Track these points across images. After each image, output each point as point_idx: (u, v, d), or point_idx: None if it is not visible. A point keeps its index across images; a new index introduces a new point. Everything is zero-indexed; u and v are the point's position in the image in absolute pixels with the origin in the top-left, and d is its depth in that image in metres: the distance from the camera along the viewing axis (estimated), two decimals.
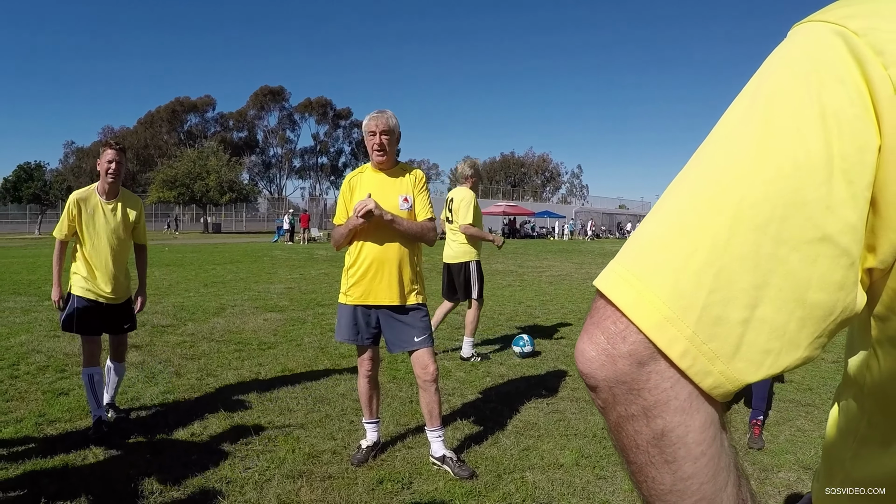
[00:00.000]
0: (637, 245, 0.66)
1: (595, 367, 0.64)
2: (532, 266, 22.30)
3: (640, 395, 0.62)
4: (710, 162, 0.65)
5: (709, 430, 0.63)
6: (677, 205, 0.65)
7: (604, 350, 0.63)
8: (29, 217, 57.71)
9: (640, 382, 0.62)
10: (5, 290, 13.20)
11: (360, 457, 4.43)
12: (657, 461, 0.63)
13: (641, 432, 0.63)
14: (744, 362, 0.61)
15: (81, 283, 4.96)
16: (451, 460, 4.31)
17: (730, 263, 0.60)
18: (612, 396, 0.64)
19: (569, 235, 62.86)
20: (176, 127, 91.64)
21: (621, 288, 0.64)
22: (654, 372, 0.62)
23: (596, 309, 0.66)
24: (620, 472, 4.30)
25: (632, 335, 0.62)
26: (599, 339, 0.64)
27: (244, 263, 21.45)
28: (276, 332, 8.94)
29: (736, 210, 0.60)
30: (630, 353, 0.62)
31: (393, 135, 4.27)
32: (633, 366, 0.62)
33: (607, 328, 0.64)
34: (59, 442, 4.69)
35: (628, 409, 0.63)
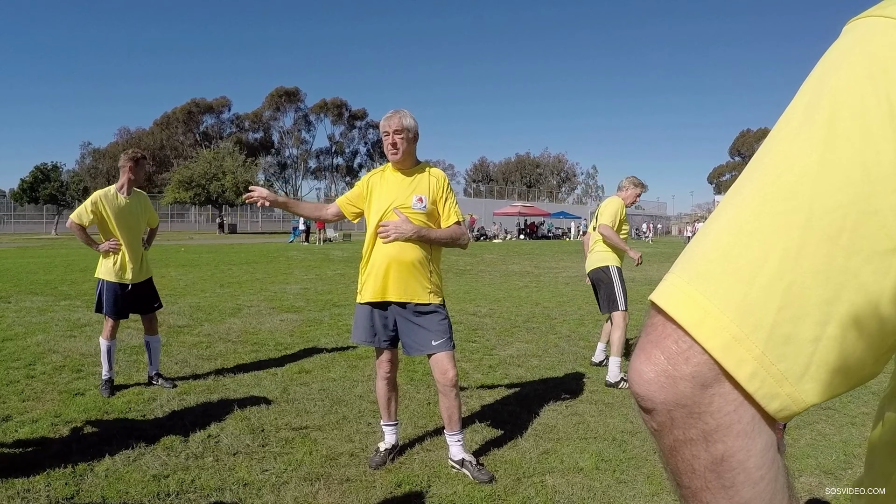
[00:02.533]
0: (699, 256, 0.62)
1: (654, 389, 0.60)
2: (548, 267, 22.22)
3: (702, 418, 0.58)
4: (774, 166, 0.60)
5: (768, 453, 0.59)
6: (741, 212, 0.60)
7: (664, 371, 0.59)
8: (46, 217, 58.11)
9: (702, 406, 0.58)
10: (22, 289, 13.25)
11: (377, 460, 4.38)
12: (714, 486, 0.59)
13: (699, 457, 0.59)
14: (812, 383, 0.57)
15: (109, 268, 6.04)
16: (469, 464, 4.26)
17: (801, 277, 0.56)
18: (669, 420, 0.60)
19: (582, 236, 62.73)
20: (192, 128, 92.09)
21: (684, 304, 0.60)
22: (717, 395, 0.58)
23: (653, 326, 0.62)
24: (641, 476, 4.25)
25: (695, 356, 0.58)
26: (659, 359, 0.60)
27: (260, 264, 21.50)
28: (293, 333, 8.92)
29: (807, 219, 0.56)
30: (693, 375, 0.58)
31: (407, 133, 4.24)
32: (696, 388, 0.58)
33: (668, 348, 0.59)
34: (74, 443, 4.68)
35: (687, 433, 0.59)
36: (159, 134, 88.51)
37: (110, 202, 5.98)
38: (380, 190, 4.35)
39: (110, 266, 6.05)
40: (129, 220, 6.10)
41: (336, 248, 33.44)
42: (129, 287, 6.14)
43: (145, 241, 6.47)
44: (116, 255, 6.06)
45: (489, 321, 10.18)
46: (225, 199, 59.19)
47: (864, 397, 6.12)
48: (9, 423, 5.05)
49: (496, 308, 11.71)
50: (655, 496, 3.97)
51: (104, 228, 6.02)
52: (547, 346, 8.30)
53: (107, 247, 6.00)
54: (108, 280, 6.05)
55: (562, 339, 8.83)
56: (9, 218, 64.56)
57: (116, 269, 6.05)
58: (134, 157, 6.15)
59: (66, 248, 29.26)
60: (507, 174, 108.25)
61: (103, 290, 6.06)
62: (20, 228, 61.13)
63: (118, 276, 6.06)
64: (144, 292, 6.30)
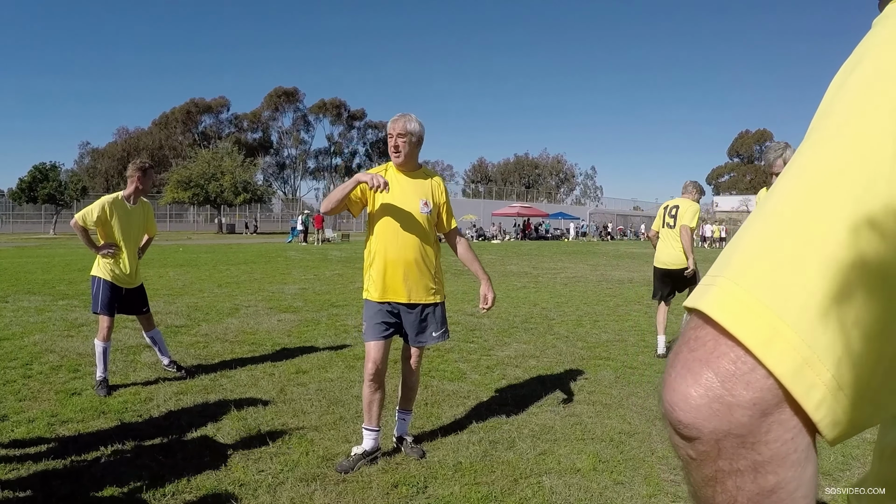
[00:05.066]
0: (755, 253, 0.54)
1: (703, 416, 0.51)
2: (547, 268, 22.23)
3: (755, 448, 0.51)
4: (835, 157, 0.54)
5: (815, 479, 0.54)
6: (804, 208, 0.53)
7: (717, 397, 0.51)
8: (44, 217, 58.02)
9: (758, 435, 0.51)
10: (20, 289, 13.23)
11: (346, 464, 4.31)
12: None
13: (744, 489, 0.52)
14: (872, 406, 0.52)
15: (107, 268, 6.16)
16: (407, 442, 4.67)
17: (874, 286, 0.50)
18: (716, 450, 0.52)
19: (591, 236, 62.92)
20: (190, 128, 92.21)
21: (747, 319, 0.51)
22: (776, 423, 0.51)
23: (700, 341, 0.54)
24: (638, 477, 4.24)
25: (759, 380, 0.50)
26: (711, 382, 0.51)
27: (258, 264, 21.49)
28: (290, 333, 8.91)
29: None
30: (754, 402, 0.50)
31: (411, 137, 4.37)
32: (755, 417, 0.50)
33: (723, 369, 0.51)
34: (71, 442, 4.67)
35: (734, 464, 0.52)
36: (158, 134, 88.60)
37: (117, 209, 6.13)
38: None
39: (107, 266, 6.16)
40: (132, 228, 6.26)
41: (334, 248, 33.45)
42: (123, 292, 6.31)
43: (140, 249, 6.57)
44: (114, 259, 6.18)
45: (487, 322, 10.18)
46: (223, 200, 59.16)
47: None
48: (5, 422, 5.04)
49: (494, 308, 11.67)
50: (653, 497, 3.96)
51: (106, 233, 6.14)
52: (545, 347, 8.30)
53: (105, 251, 6.11)
54: (103, 278, 6.15)
55: (560, 339, 8.83)
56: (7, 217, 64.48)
57: (112, 271, 6.18)
58: (142, 168, 6.27)
59: (63, 248, 29.24)
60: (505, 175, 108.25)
61: (99, 286, 6.15)
62: (18, 228, 61.09)
63: (113, 278, 6.19)
64: (136, 297, 6.48)
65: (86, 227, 6.03)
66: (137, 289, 6.48)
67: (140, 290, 6.52)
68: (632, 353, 7.94)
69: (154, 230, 6.74)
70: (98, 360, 6.00)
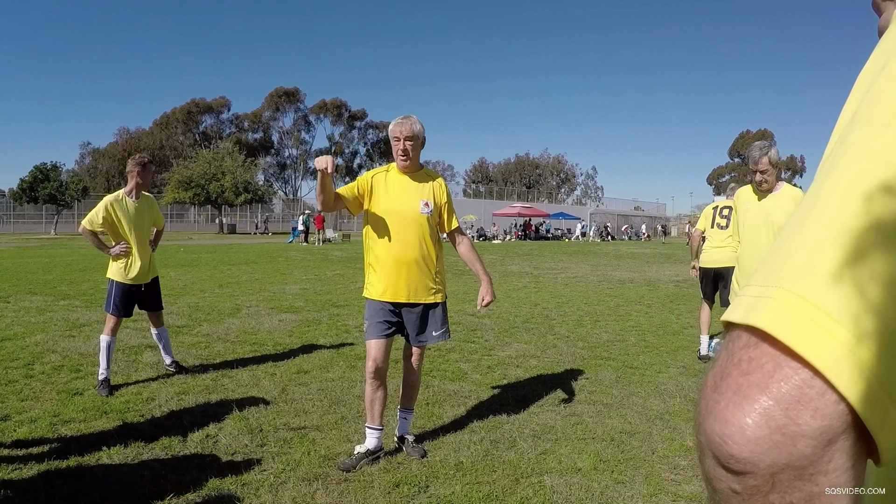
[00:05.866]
0: (817, 261, 0.48)
1: (761, 449, 0.46)
2: (547, 268, 22.23)
3: (813, 480, 0.46)
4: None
5: None
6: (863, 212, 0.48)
7: (779, 427, 0.45)
8: (45, 217, 58.05)
9: (819, 466, 0.45)
10: (21, 289, 13.24)
11: (348, 462, 4.33)
12: None
13: None
14: None
15: (119, 269, 6.25)
16: (408, 442, 4.66)
17: None
18: (769, 485, 0.46)
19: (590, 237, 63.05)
20: (191, 128, 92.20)
21: (813, 335, 0.46)
22: (839, 451, 0.45)
23: (754, 362, 0.48)
24: (639, 477, 4.25)
25: (828, 406, 0.45)
26: (770, 408, 0.46)
27: (259, 264, 21.50)
28: (292, 333, 8.92)
29: None
30: (822, 432, 0.45)
31: (417, 140, 4.41)
32: (820, 447, 0.45)
33: (784, 394, 0.46)
34: (73, 442, 4.68)
35: (786, 497, 0.46)
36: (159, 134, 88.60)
37: (120, 207, 6.20)
38: (386, 191, 4.47)
39: (121, 267, 6.26)
40: (139, 223, 6.31)
41: (335, 248, 33.45)
42: (143, 287, 6.45)
43: (152, 242, 6.64)
44: (127, 258, 6.27)
45: (488, 322, 10.18)
46: (224, 200, 59.18)
47: None
48: (7, 422, 5.05)
49: (495, 309, 11.69)
50: (653, 496, 3.97)
51: (114, 232, 6.22)
52: (546, 347, 8.30)
53: (118, 250, 6.18)
54: (118, 280, 6.25)
55: (560, 339, 8.83)
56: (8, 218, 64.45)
57: (127, 270, 6.27)
58: (141, 162, 6.35)
59: (65, 248, 29.25)
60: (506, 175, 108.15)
61: (113, 289, 6.25)
62: (19, 228, 61.11)
63: (129, 278, 6.28)
64: (153, 291, 6.61)
65: (94, 230, 6.12)
66: (153, 284, 6.60)
67: (155, 286, 6.64)
68: (633, 353, 7.94)
69: (161, 222, 6.83)
70: (101, 356, 6.05)
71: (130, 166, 6.35)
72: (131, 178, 6.34)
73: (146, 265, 6.41)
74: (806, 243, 0.50)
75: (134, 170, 6.31)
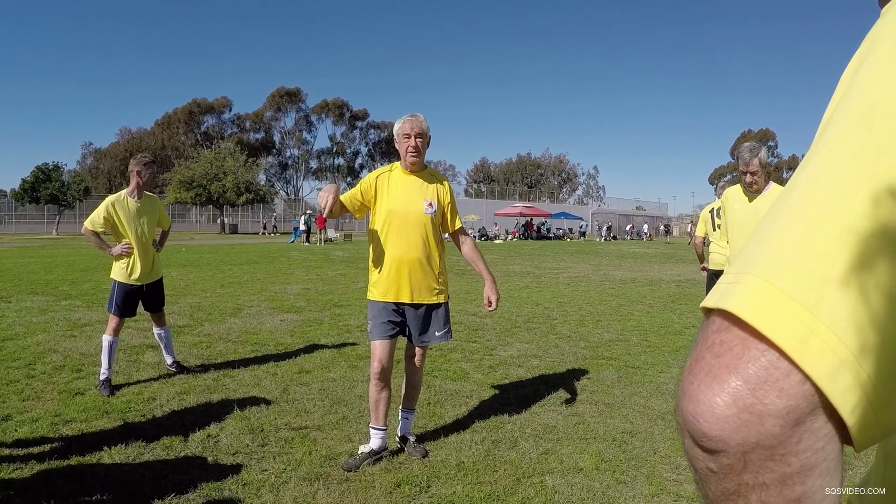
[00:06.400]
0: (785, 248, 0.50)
1: (730, 427, 0.48)
2: (549, 268, 22.22)
3: (784, 460, 0.47)
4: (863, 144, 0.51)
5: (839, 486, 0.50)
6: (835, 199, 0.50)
7: (747, 406, 0.47)
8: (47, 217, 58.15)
9: (788, 446, 0.47)
10: (23, 289, 13.25)
11: (352, 462, 4.34)
12: None
13: (769, 503, 0.49)
14: None
15: (122, 270, 6.26)
16: (410, 442, 4.66)
17: None
18: (741, 463, 0.48)
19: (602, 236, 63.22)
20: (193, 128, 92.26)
21: (779, 317, 0.48)
22: (808, 431, 0.47)
23: (725, 345, 0.50)
24: (641, 477, 4.24)
25: (793, 386, 0.47)
26: (739, 389, 0.48)
27: (261, 264, 21.50)
28: (293, 333, 8.91)
29: None
30: (788, 411, 0.47)
31: (426, 138, 4.45)
32: (787, 427, 0.47)
33: (752, 374, 0.48)
34: (74, 442, 4.68)
35: (760, 477, 0.48)
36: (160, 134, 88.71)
37: (121, 207, 6.20)
38: (390, 191, 4.48)
39: (123, 268, 6.26)
40: (140, 223, 6.30)
41: (337, 248, 33.45)
42: (144, 288, 6.41)
43: (157, 242, 6.64)
44: (129, 258, 6.27)
45: (490, 321, 10.18)
46: (226, 200, 59.23)
47: None
48: (9, 422, 5.05)
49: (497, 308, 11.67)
50: (655, 497, 3.96)
51: (117, 232, 6.24)
52: (547, 347, 8.29)
53: (119, 250, 6.18)
54: (120, 281, 6.26)
55: (562, 339, 8.82)
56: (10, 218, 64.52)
57: (128, 270, 6.27)
58: (142, 162, 6.35)
59: (66, 248, 29.27)
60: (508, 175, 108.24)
61: (114, 289, 6.27)
62: (21, 228, 61.21)
63: (130, 278, 6.28)
64: (155, 291, 6.59)
65: (96, 230, 6.13)
66: (157, 284, 6.59)
67: (159, 286, 6.64)
68: (634, 353, 7.93)
69: (167, 223, 6.84)
70: (103, 356, 6.05)
71: (132, 166, 6.36)
72: (133, 178, 6.34)
73: (149, 265, 6.40)
74: (777, 233, 0.52)
75: (134, 169, 6.31)
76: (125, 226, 6.19)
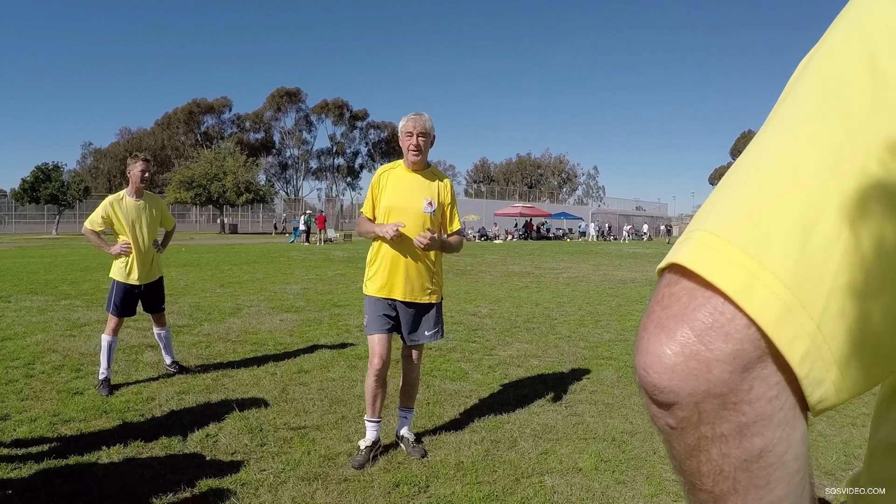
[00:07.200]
0: (734, 205, 0.51)
1: (679, 377, 0.48)
2: (549, 268, 22.20)
3: (738, 409, 0.47)
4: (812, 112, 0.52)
5: (804, 443, 0.51)
6: (787, 151, 0.51)
7: (694, 353, 0.47)
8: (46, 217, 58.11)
9: (739, 394, 0.47)
10: (22, 289, 13.24)
11: (360, 459, 4.42)
12: (744, 487, 0.50)
13: (730, 455, 0.49)
14: (858, 370, 0.49)
15: (120, 269, 6.26)
16: (408, 440, 4.66)
17: (857, 235, 0.47)
18: (696, 415, 0.48)
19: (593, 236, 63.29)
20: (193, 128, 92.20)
21: (724, 264, 0.48)
22: (758, 379, 0.47)
23: (674, 296, 0.50)
24: (640, 476, 4.24)
25: (739, 330, 0.47)
26: (686, 337, 0.48)
27: (260, 264, 21.48)
28: (293, 333, 8.91)
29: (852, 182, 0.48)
30: (735, 356, 0.47)
31: (428, 137, 4.46)
32: (736, 372, 0.47)
33: (699, 322, 0.48)
34: (73, 442, 4.67)
35: (717, 428, 0.48)
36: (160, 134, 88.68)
37: (120, 206, 6.22)
38: (391, 187, 4.53)
39: (122, 267, 6.27)
40: (138, 222, 6.28)
41: (337, 248, 33.44)
42: (142, 288, 6.39)
43: (159, 243, 6.61)
44: (127, 257, 6.26)
45: (489, 321, 10.17)
46: (226, 200, 59.22)
47: (864, 398, 6.10)
48: (7, 421, 5.05)
49: (496, 308, 11.69)
50: (654, 497, 3.96)
51: (115, 231, 6.26)
52: (547, 347, 8.29)
53: (118, 249, 6.19)
54: (118, 280, 6.26)
55: (562, 339, 8.82)
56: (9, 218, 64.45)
57: (127, 270, 6.27)
58: (135, 158, 6.35)
59: (66, 248, 29.26)
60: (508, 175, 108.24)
61: (113, 288, 6.27)
62: (21, 228, 61.20)
63: (129, 278, 6.27)
64: (155, 292, 6.58)
65: (95, 230, 6.16)
66: (156, 285, 6.57)
67: (158, 287, 6.62)
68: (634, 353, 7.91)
69: (170, 223, 6.81)
70: (102, 356, 6.05)
71: (128, 165, 6.39)
72: (129, 177, 6.35)
73: (147, 266, 6.38)
74: (727, 195, 0.52)
75: (128, 167, 6.35)
76: (123, 225, 6.18)
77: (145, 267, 6.35)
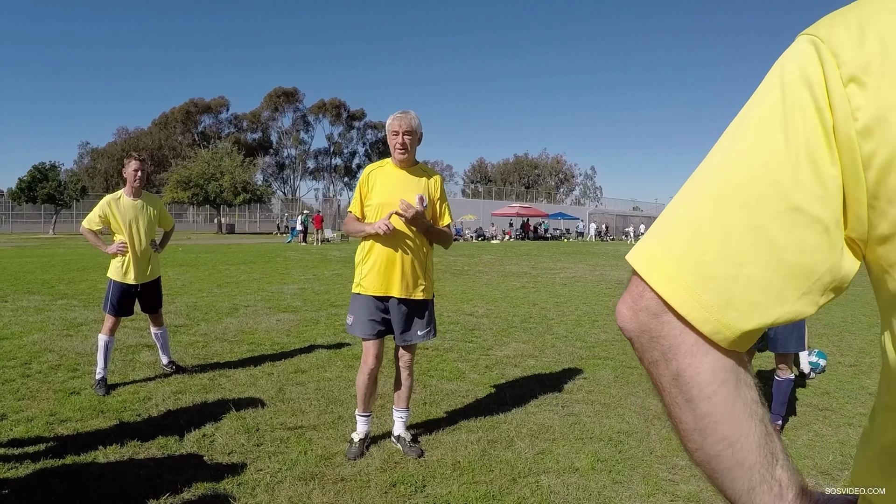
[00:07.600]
0: (654, 226, 0.81)
1: (626, 320, 0.79)
2: (546, 268, 22.21)
3: (658, 341, 0.76)
4: (710, 158, 0.79)
5: (719, 373, 0.75)
6: (683, 193, 0.79)
7: (631, 307, 0.78)
8: (43, 217, 57.93)
9: (656, 331, 0.76)
10: (19, 288, 13.23)
11: (354, 451, 4.51)
12: (679, 400, 0.76)
13: (663, 374, 0.77)
14: (735, 312, 0.72)
15: (117, 268, 6.27)
16: (404, 440, 4.68)
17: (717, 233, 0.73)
18: (640, 345, 0.78)
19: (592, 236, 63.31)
20: (190, 128, 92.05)
21: (640, 257, 0.79)
22: (666, 322, 0.75)
23: (631, 281, 0.80)
24: (637, 476, 4.25)
25: (647, 292, 0.76)
26: (628, 298, 0.79)
27: (257, 264, 21.48)
28: (289, 333, 8.91)
29: (719, 192, 0.74)
30: (647, 307, 0.76)
31: (415, 135, 4.48)
32: (650, 317, 0.76)
33: (632, 290, 0.78)
34: (69, 441, 4.67)
35: (652, 354, 0.77)
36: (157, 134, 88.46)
37: (117, 206, 6.22)
38: (382, 184, 4.54)
39: (119, 266, 6.27)
40: (135, 222, 6.28)
41: (334, 248, 33.43)
42: (138, 288, 6.39)
43: (158, 243, 6.61)
44: (124, 257, 6.27)
45: (486, 321, 10.18)
46: (223, 200, 59.17)
47: (861, 398, 6.13)
48: (4, 421, 5.04)
49: (493, 308, 11.70)
50: (651, 496, 3.97)
51: (112, 230, 6.29)
52: (544, 347, 8.30)
53: (114, 249, 6.20)
54: (115, 280, 6.26)
55: (559, 339, 8.83)
56: (6, 217, 64.28)
57: (123, 269, 6.27)
58: (130, 158, 6.35)
59: (63, 248, 29.23)
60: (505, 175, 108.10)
61: (110, 288, 6.27)
62: (17, 228, 61.02)
63: (126, 278, 6.27)
64: (152, 292, 6.58)
65: (92, 229, 6.20)
66: (153, 285, 6.58)
67: (156, 287, 6.63)
68: (630, 353, 7.92)
69: (168, 223, 6.83)
70: (99, 355, 6.04)
71: (123, 165, 6.38)
72: (126, 177, 6.35)
73: (145, 266, 6.38)
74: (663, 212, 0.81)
75: (124, 167, 6.35)
76: (120, 225, 6.18)
77: (142, 267, 6.35)
